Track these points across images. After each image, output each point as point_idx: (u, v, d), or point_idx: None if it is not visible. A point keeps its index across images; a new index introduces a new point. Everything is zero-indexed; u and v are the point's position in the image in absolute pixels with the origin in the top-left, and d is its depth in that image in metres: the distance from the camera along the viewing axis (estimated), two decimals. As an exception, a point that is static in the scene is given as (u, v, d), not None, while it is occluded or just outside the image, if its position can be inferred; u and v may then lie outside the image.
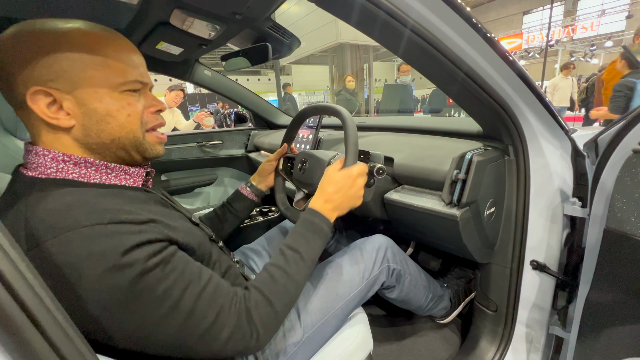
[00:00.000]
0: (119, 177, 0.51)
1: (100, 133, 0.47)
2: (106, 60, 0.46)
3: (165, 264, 0.43)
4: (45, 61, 0.43)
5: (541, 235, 0.83)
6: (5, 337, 0.22)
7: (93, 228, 0.39)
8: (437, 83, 0.71)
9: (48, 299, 0.26)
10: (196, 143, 1.76)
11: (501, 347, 0.91)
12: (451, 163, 0.75)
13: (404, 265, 0.86)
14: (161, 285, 0.42)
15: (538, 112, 0.74)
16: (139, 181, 0.54)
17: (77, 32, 0.45)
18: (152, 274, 0.41)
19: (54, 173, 0.45)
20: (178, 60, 1.34)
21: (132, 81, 0.49)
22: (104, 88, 0.46)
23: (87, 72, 0.45)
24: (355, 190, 0.66)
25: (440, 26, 0.55)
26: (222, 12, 0.87)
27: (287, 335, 0.64)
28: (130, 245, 0.40)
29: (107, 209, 0.42)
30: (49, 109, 0.44)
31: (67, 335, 0.25)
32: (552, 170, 0.80)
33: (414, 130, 1.18)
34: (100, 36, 0.47)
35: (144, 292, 0.40)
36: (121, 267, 0.39)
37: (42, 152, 0.45)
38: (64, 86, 0.44)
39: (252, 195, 0.92)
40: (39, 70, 0.43)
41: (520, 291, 0.87)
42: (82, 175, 0.47)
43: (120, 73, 0.47)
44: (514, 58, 0.64)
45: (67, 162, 0.46)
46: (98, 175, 0.48)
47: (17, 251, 0.26)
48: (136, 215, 0.44)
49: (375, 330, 1.12)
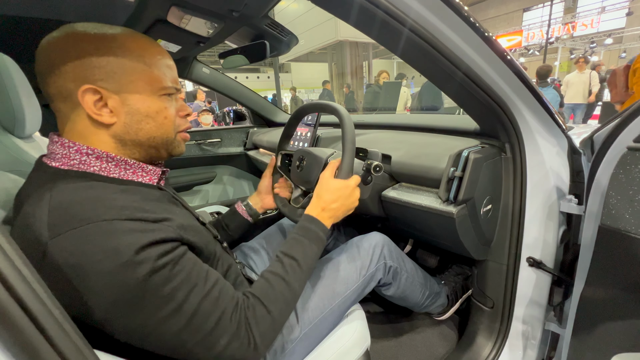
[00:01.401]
0: (136, 174, 0.53)
1: (139, 132, 0.51)
2: (150, 67, 0.51)
3: (174, 265, 0.44)
4: (99, 62, 0.47)
5: (537, 233, 0.84)
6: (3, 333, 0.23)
7: (111, 223, 0.41)
8: (435, 81, 0.71)
9: (45, 295, 0.26)
10: (195, 141, 1.76)
11: (498, 343, 0.92)
12: (448, 160, 0.75)
13: (400, 262, 0.86)
14: (167, 285, 0.42)
15: (535, 109, 0.75)
16: (155, 179, 0.56)
17: (128, 38, 0.50)
18: (160, 273, 0.42)
19: (77, 165, 0.47)
20: (176, 57, 1.34)
21: (170, 87, 0.53)
22: (146, 91, 0.50)
23: (134, 75, 0.49)
24: (352, 201, 0.68)
25: (439, 25, 0.55)
26: (219, 10, 0.87)
27: (284, 332, 0.65)
28: (144, 243, 0.41)
29: (125, 206, 0.44)
30: (95, 105, 0.47)
31: (64, 330, 0.26)
32: (549, 167, 0.80)
33: (411, 127, 1.18)
34: (146, 44, 0.51)
35: (150, 291, 0.41)
36: (133, 264, 0.40)
37: (67, 144, 0.48)
38: (112, 86, 0.48)
39: (246, 214, 0.92)
40: (92, 70, 0.46)
41: (516, 288, 0.88)
42: (103, 169, 0.49)
43: (160, 79, 0.52)
44: (511, 56, 0.64)
45: (90, 155, 0.48)
46: (117, 170, 0.51)
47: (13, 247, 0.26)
48: (152, 214, 0.46)
49: (373, 326, 1.13)
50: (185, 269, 0.45)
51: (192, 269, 0.47)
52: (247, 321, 0.50)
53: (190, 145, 1.76)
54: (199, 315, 0.45)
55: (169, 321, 0.43)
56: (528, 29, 14.15)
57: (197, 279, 0.46)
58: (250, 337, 0.49)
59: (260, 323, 0.51)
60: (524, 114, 0.74)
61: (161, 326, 0.43)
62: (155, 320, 0.42)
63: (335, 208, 0.66)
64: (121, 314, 0.41)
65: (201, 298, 0.46)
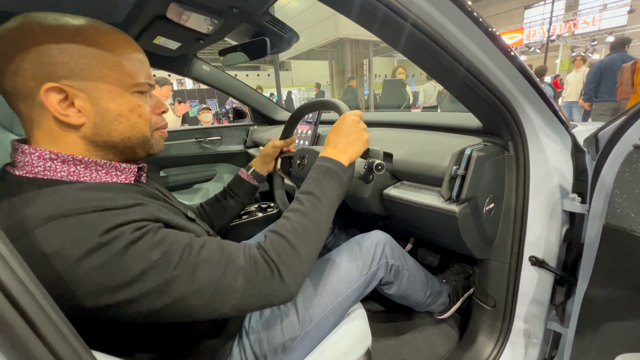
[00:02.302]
0: (109, 174, 0.49)
1: (111, 132, 0.48)
2: (120, 62, 0.47)
3: (154, 233, 0.41)
4: (62, 58, 0.42)
5: (540, 231, 0.83)
6: None
7: (76, 217, 0.38)
8: (437, 78, 0.70)
9: (42, 297, 0.26)
10: (195, 139, 1.76)
11: (499, 342, 0.92)
12: (450, 159, 0.74)
13: (402, 261, 0.86)
14: (154, 251, 0.40)
15: (538, 107, 0.74)
16: (131, 177, 0.53)
17: (93, 30, 0.45)
18: (141, 241, 0.40)
19: (42, 172, 0.44)
20: (175, 55, 1.33)
21: (142, 83, 0.50)
22: (117, 88, 0.47)
23: (103, 71, 0.45)
24: (359, 130, 0.65)
25: (441, 20, 0.55)
26: (219, 6, 0.86)
27: (285, 330, 0.65)
28: (112, 225, 0.39)
29: (91, 199, 0.41)
30: (60, 105, 0.43)
31: (61, 332, 0.25)
32: (552, 166, 0.79)
33: (413, 125, 1.17)
34: (115, 37, 0.47)
35: (137, 261, 0.39)
36: (103, 244, 0.37)
37: (28, 150, 0.44)
38: (78, 84, 0.44)
39: (253, 180, 0.92)
40: (54, 66, 0.42)
41: (518, 287, 0.87)
42: (71, 174, 0.45)
43: (132, 74, 0.48)
44: (515, 53, 0.63)
45: (54, 161, 0.44)
46: (88, 173, 0.47)
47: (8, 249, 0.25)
48: (122, 202, 0.42)
49: (374, 325, 1.13)
50: (170, 234, 0.43)
51: (177, 233, 0.44)
52: (267, 254, 0.48)
53: (190, 143, 1.75)
54: (202, 266, 0.43)
55: (173, 283, 0.41)
56: (529, 26, 14.08)
57: (188, 239, 0.44)
58: (273, 269, 0.47)
59: (282, 254, 0.48)
60: (527, 111, 0.73)
61: (165, 291, 0.40)
62: (156, 287, 0.40)
63: (344, 141, 0.63)
64: (115, 294, 0.38)
65: (198, 250, 0.43)
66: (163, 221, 0.45)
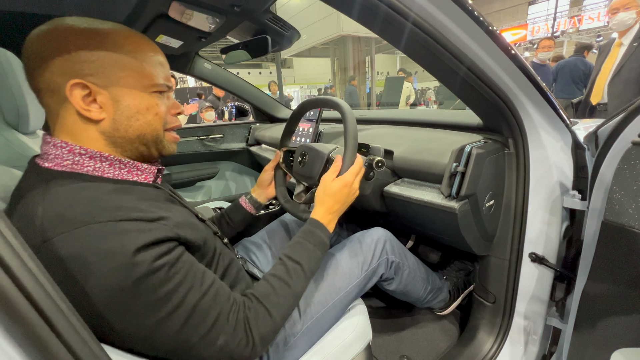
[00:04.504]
0: (131, 173, 0.53)
1: (129, 128, 0.50)
2: (141, 64, 0.50)
3: (170, 267, 0.44)
4: (88, 57, 0.46)
5: (540, 228, 0.84)
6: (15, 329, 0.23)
7: (106, 225, 0.40)
8: (438, 76, 0.70)
9: (56, 294, 0.27)
10: (197, 137, 1.77)
11: (499, 338, 0.92)
12: (450, 156, 0.75)
13: (402, 257, 0.86)
14: (163, 288, 0.42)
15: (539, 104, 0.74)
16: (150, 178, 0.56)
17: (119, 34, 0.49)
18: (156, 275, 0.42)
19: (70, 166, 0.47)
20: (178, 53, 1.34)
21: (160, 84, 0.53)
22: (137, 88, 0.50)
23: (125, 71, 0.48)
24: (353, 193, 0.70)
25: (442, 19, 0.55)
26: (220, 4, 0.86)
27: (286, 326, 0.65)
28: (140, 245, 0.41)
29: (119, 206, 0.43)
30: (83, 100, 0.46)
31: (71, 324, 0.26)
32: (552, 162, 0.80)
33: (414, 123, 1.18)
34: (138, 41, 0.51)
35: (146, 293, 0.41)
36: (129, 266, 0.40)
37: (60, 144, 0.47)
38: (101, 81, 0.47)
39: (251, 208, 0.92)
40: (81, 64, 0.45)
41: (518, 283, 0.88)
42: (97, 169, 0.48)
43: (152, 76, 0.51)
44: (516, 51, 0.63)
45: (83, 155, 0.47)
46: (112, 170, 0.50)
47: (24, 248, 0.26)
48: (147, 213, 0.45)
49: (375, 321, 1.13)
50: (182, 270, 0.45)
51: (189, 270, 0.46)
52: (248, 322, 0.50)
53: (192, 141, 1.76)
54: (195, 316, 0.45)
55: (166, 323, 0.43)
56: (533, 22, 13.94)
57: (194, 281, 0.46)
58: (249, 338, 0.50)
59: (261, 325, 0.51)
60: (527, 108, 0.73)
61: (159, 327, 0.43)
62: (153, 321, 0.42)
63: (338, 209, 0.68)
64: (117, 315, 0.41)
65: (197, 299, 0.46)
66: (183, 239, 0.48)
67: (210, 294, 0.48)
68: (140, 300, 0.41)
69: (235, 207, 0.92)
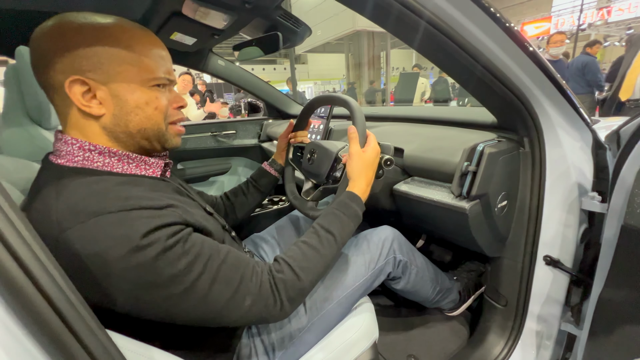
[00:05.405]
0: (139, 167, 0.54)
1: (129, 123, 0.51)
2: (140, 57, 0.50)
3: (185, 242, 0.45)
4: (86, 53, 0.46)
5: (556, 230, 0.81)
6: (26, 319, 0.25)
7: (117, 214, 0.42)
8: (451, 73, 0.69)
9: (61, 279, 0.28)
10: (210, 133, 1.80)
11: (510, 341, 0.90)
12: (462, 154, 0.73)
13: (410, 257, 0.85)
14: (182, 260, 0.44)
15: (557, 102, 0.71)
16: (158, 171, 0.57)
17: (117, 28, 0.49)
18: (172, 250, 0.43)
19: (81, 162, 0.48)
20: (192, 50, 1.36)
21: (160, 77, 0.52)
22: (135, 82, 0.50)
23: (123, 66, 0.48)
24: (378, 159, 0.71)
25: (457, 16, 0.53)
26: (232, 1, 0.87)
27: (292, 320, 0.66)
28: (151, 227, 0.42)
29: (129, 196, 0.45)
30: (83, 97, 0.47)
31: (77, 312, 0.27)
32: (570, 163, 0.76)
33: (426, 120, 1.15)
34: (136, 34, 0.50)
35: (167, 267, 0.43)
36: (143, 247, 0.41)
37: (70, 141, 0.48)
38: (100, 77, 0.47)
39: (273, 171, 0.96)
40: (79, 60, 0.46)
41: (531, 286, 0.85)
42: (106, 164, 0.50)
43: (150, 70, 0.51)
44: (534, 48, 0.61)
45: (92, 152, 0.49)
46: (120, 165, 0.51)
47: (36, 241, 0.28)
48: (156, 201, 0.46)
49: (383, 319, 1.13)
50: (197, 243, 0.47)
51: (204, 243, 0.48)
52: (275, 284, 0.51)
53: (206, 137, 1.79)
54: (219, 281, 0.47)
55: (192, 290, 0.45)
56: (558, 14, 13.32)
57: (211, 251, 0.48)
58: (277, 299, 0.51)
59: (289, 288, 0.52)
60: (545, 106, 0.71)
61: (186, 296, 0.44)
62: (179, 290, 0.44)
63: (371, 176, 0.69)
64: (144, 293, 0.43)
65: (218, 265, 0.48)
66: (191, 224, 0.49)
67: (229, 260, 0.49)
68: (163, 274, 0.43)
69: (260, 173, 0.96)
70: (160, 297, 0.43)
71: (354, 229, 0.64)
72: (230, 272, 0.48)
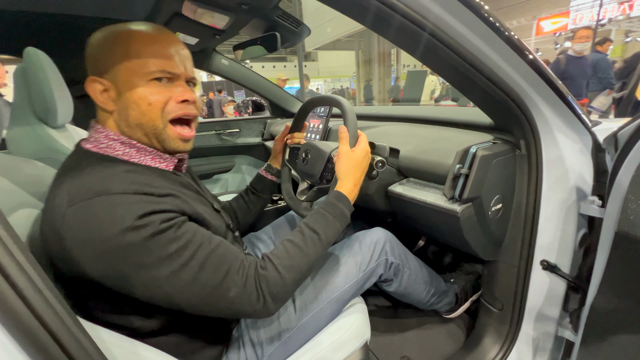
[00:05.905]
0: (154, 160, 0.58)
1: (128, 118, 0.54)
2: (135, 53, 0.53)
3: (178, 228, 0.48)
4: (100, 56, 0.54)
5: (553, 235, 0.79)
6: None
7: (119, 196, 0.45)
8: (445, 76, 0.68)
9: (39, 280, 0.30)
10: (214, 131, 1.82)
11: (505, 346, 0.89)
12: (455, 157, 0.72)
13: (403, 259, 0.85)
14: (173, 244, 0.46)
15: (554, 105, 0.69)
16: (171, 166, 0.60)
17: (121, 29, 0.54)
18: (164, 234, 0.46)
19: (104, 148, 0.54)
20: (195, 50, 1.38)
21: (154, 71, 0.53)
22: (133, 78, 0.53)
23: (122, 64, 0.52)
24: (368, 159, 0.71)
25: (449, 20, 0.53)
26: (229, 2, 0.88)
27: (281, 321, 0.67)
28: (147, 211, 0.45)
29: (134, 182, 0.48)
30: (101, 95, 0.54)
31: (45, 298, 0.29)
32: (569, 166, 0.75)
33: (424, 120, 1.14)
34: (134, 31, 0.54)
35: (157, 249, 0.45)
36: (136, 227, 0.44)
37: (100, 129, 0.55)
38: (110, 77, 0.53)
39: (270, 175, 0.97)
40: (95, 63, 0.54)
41: (528, 291, 0.84)
42: (125, 154, 0.54)
43: (145, 64, 0.53)
44: (529, 50, 0.60)
45: (115, 141, 0.54)
46: (138, 156, 0.56)
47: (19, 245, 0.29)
48: (158, 189, 0.49)
49: (378, 320, 1.13)
50: (190, 231, 0.49)
51: (197, 231, 0.50)
52: (259, 280, 0.52)
53: (210, 135, 1.82)
54: (206, 269, 0.48)
55: (179, 274, 0.46)
56: (576, 9, 12.85)
57: (202, 240, 0.50)
58: (260, 295, 0.52)
59: (272, 286, 0.53)
60: (541, 108, 0.69)
61: (173, 279, 0.46)
62: (166, 273, 0.46)
63: (360, 179, 0.69)
64: (132, 272, 0.45)
65: (207, 254, 0.49)
66: (187, 214, 0.51)
67: (219, 251, 0.51)
68: (152, 255, 0.45)
69: (257, 179, 0.98)
70: (149, 277, 0.45)
71: (340, 228, 0.63)
72: (218, 261, 0.50)
